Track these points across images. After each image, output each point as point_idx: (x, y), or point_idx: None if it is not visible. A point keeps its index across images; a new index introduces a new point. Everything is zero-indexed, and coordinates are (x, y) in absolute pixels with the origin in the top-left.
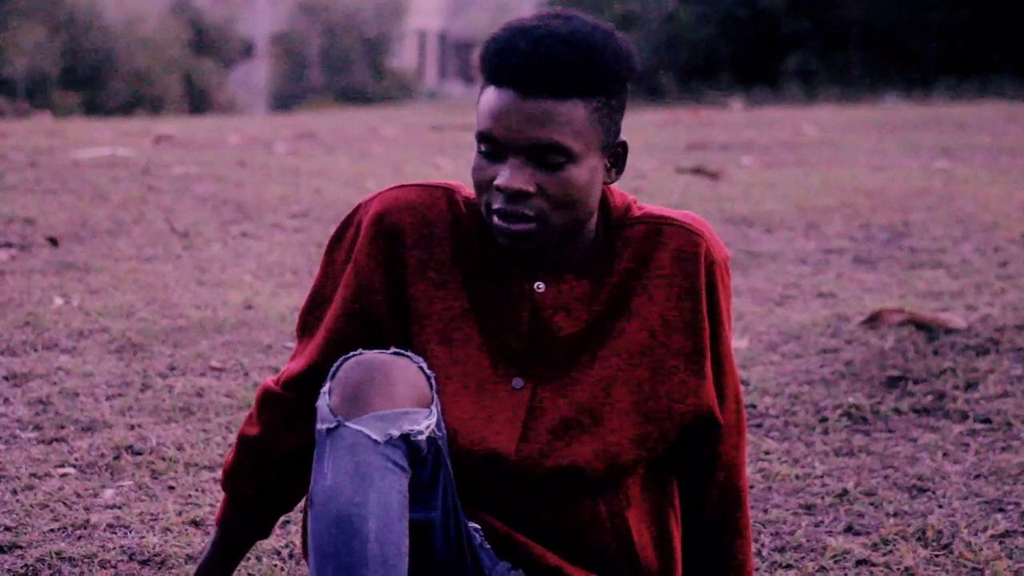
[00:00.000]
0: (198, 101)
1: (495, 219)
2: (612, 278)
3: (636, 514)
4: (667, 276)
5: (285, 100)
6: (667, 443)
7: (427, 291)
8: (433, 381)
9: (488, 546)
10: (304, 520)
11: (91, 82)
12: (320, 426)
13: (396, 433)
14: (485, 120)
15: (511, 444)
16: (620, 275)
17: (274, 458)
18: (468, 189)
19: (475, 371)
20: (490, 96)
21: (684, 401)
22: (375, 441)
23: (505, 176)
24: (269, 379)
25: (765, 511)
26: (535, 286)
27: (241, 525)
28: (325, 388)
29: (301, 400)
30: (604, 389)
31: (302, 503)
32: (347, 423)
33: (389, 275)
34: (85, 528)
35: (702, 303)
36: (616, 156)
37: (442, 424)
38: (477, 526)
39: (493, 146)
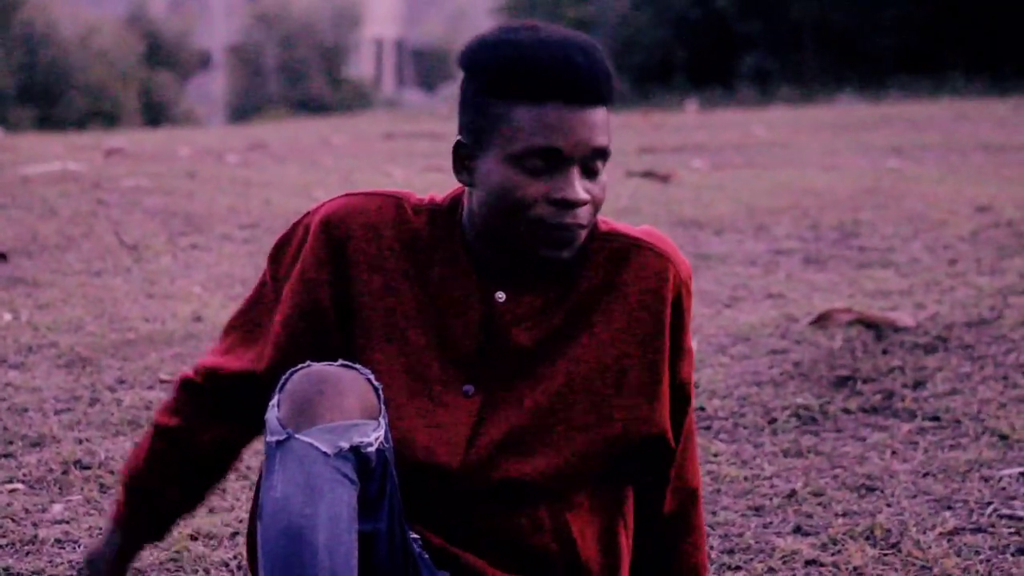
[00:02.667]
0: (155, 114)
1: (547, 232)
2: (573, 294)
3: (580, 518)
4: (631, 299)
5: (243, 111)
6: (614, 461)
7: (374, 293)
8: (381, 393)
9: (427, 556)
10: (249, 532)
11: (46, 97)
12: (269, 438)
13: (346, 445)
14: (541, 136)
15: (456, 456)
16: (582, 292)
17: (194, 450)
18: (417, 196)
19: (422, 376)
20: (537, 113)
21: (635, 424)
22: (325, 453)
23: (572, 189)
24: (187, 370)
25: (714, 513)
26: (496, 295)
27: (143, 523)
28: (273, 401)
29: (224, 396)
30: (554, 404)
31: (248, 514)
32: (297, 435)
33: (336, 276)
34: (33, 544)
35: (665, 329)
36: None
37: (390, 436)
38: (416, 536)
39: (548, 161)
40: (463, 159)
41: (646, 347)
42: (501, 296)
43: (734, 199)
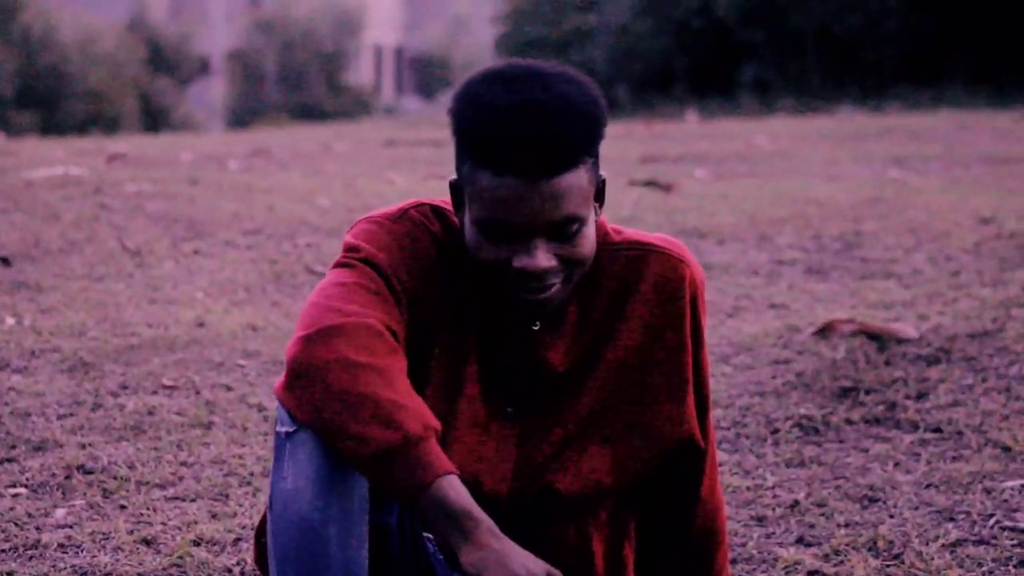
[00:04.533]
0: (155, 119)
1: (519, 293)
2: (598, 307)
3: (598, 533)
4: (652, 304)
5: (242, 117)
6: (647, 469)
7: (441, 322)
8: None
9: (441, 556)
10: (257, 533)
11: (47, 101)
12: (280, 429)
13: None
14: (493, 209)
15: (503, 485)
16: (606, 303)
17: None
18: (435, 201)
19: (466, 408)
20: (492, 182)
21: (666, 428)
22: None
23: (531, 259)
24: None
25: None
26: (534, 323)
27: None
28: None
29: None
30: (590, 419)
31: (252, 521)
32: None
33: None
34: (36, 548)
35: (686, 329)
36: (600, 194)
37: None
38: (431, 536)
39: (506, 232)
40: (458, 200)
41: (669, 349)
42: (538, 324)
43: (736, 209)
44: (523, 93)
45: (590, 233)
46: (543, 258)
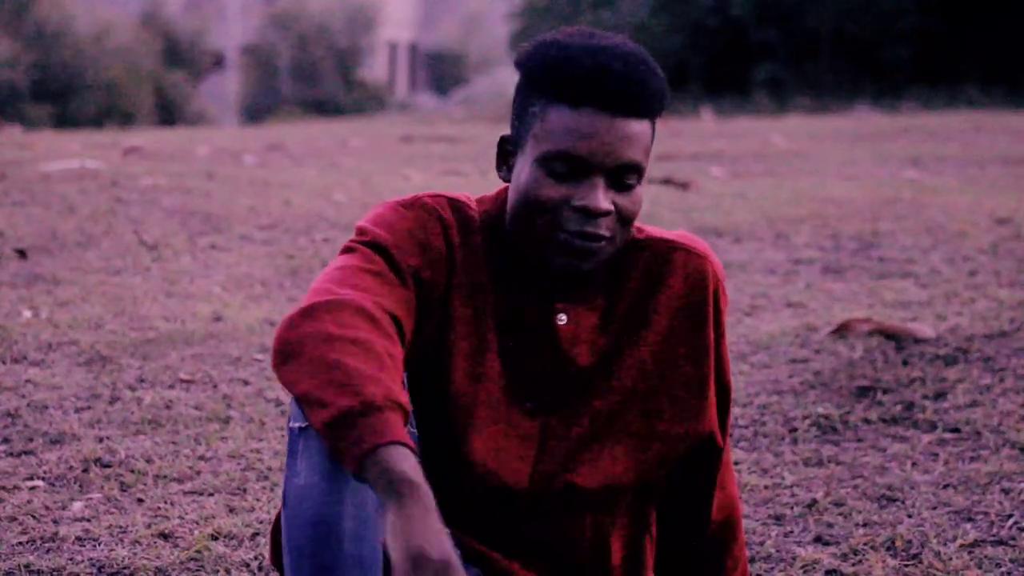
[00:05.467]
0: (169, 113)
1: (566, 238)
2: (623, 303)
3: (618, 534)
4: (676, 301)
5: (256, 112)
6: (667, 466)
7: (458, 310)
8: (405, 382)
9: (458, 551)
10: (272, 531)
11: (62, 95)
12: (292, 424)
13: None
14: (568, 140)
15: (522, 480)
16: (630, 300)
17: None
18: (473, 205)
19: (488, 400)
20: (569, 116)
21: (688, 425)
22: None
23: (593, 197)
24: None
25: None
26: (557, 318)
27: None
28: None
29: None
30: (613, 415)
31: (269, 515)
32: None
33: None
34: (54, 541)
35: (709, 327)
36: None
37: (414, 424)
38: (446, 530)
39: (572, 166)
40: (506, 155)
41: (692, 346)
42: (562, 318)
43: (754, 207)
44: (606, 42)
45: (641, 194)
46: (602, 197)
